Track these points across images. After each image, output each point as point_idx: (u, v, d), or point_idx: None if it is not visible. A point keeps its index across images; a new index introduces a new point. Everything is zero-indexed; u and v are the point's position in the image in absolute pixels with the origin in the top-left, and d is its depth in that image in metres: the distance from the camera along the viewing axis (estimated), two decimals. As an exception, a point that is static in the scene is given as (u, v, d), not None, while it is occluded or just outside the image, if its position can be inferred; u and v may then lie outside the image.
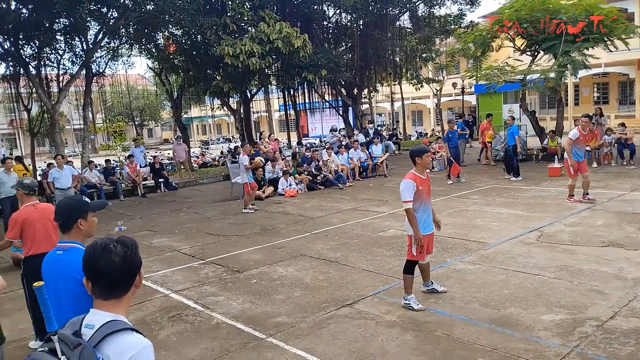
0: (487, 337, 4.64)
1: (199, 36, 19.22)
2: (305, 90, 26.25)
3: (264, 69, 19.02)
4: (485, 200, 11.06)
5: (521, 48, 18.09)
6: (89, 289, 1.85)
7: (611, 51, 17.01)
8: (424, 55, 27.71)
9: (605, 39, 16.19)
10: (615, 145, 14.91)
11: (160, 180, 17.04)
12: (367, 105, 33.26)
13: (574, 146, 9.60)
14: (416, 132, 38.12)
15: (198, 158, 26.86)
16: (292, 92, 26.25)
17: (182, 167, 19.92)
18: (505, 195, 11.49)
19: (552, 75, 15.66)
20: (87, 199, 2.98)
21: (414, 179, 5.36)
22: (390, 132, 27.53)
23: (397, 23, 26.29)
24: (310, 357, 4.54)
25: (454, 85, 31.85)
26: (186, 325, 5.52)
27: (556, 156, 14.85)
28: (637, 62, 26.29)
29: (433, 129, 34.15)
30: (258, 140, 18.80)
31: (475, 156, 18.76)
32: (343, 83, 25.27)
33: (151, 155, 20.22)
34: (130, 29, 18.34)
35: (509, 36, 18.05)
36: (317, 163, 15.54)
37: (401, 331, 4.94)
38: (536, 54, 17.60)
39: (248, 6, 18.71)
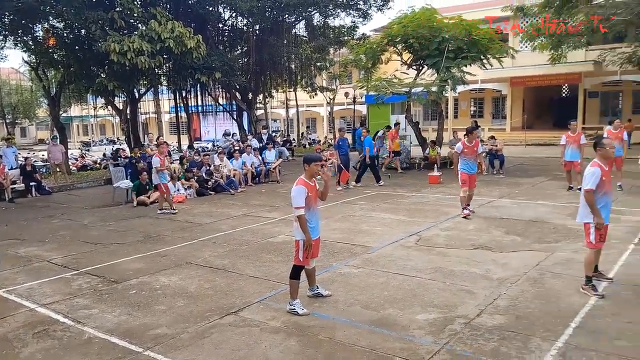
0: (367, 338, 4.79)
1: (82, 30, 17.93)
2: (198, 93, 25.55)
3: (154, 69, 18.19)
4: (371, 206, 11.50)
5: (408, 62, 19.18)
6: None
7: (487, 69, 18.60)
8: (318, 64, 28.31)
9: (482, 57, 17.70)
10: (487, 156, 16.29)
11: (31, 184, 15.57)
12: (262, 111, 33.22)
13: (462, 158, 9.84)
14: (310, 138, 38.76)
15: (77, 160, 24.95)
16: (184, 94, 25.45)
17: (58, 169, 18.36)
18: (389, 201, 12.05)
19: (434, 89, 16.75)
20: None
21: (304, 184, 5.42)
22: (285, 139, 27.75)
23: (293, 31, 26.60)
24: (189, 368, 4.37)
25: (346, 94, 32.90)
26: (53, 342, 5.06)
27: (435, 165, 15.87)
28: (509, 80, 29.05)
29: (326, 137, 34.95)
30: (146, 143, 17.93)
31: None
32: (238, 87, 25.01)
33: (23, 157, 18.39)
34: (6, 19, 16.61)
35: (397, 50, 19.05)
36: (208, 168, 15.15)
37: (285, 337, 4.93)
38: (421, 68, 18.75)
39: (138, 2, 17.83)
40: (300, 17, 25.71)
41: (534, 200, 11.38)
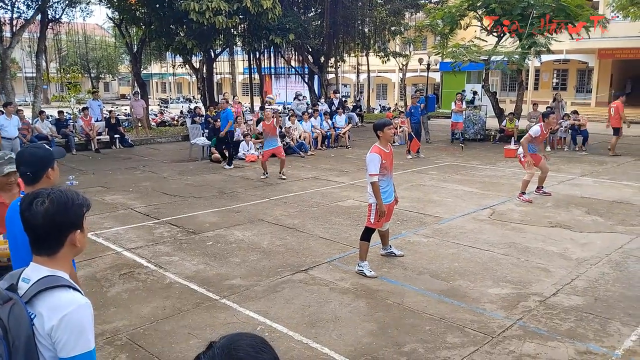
0: (436, 307, 4.79)
1: (164, -12, 18.39)
2: (272, 55, 25.75)
3: (230, 29, 18.47)
4: (442, 177, 11.28)
5: (488, 28, 18.26)
6: None
7: (573, 39, 17.40)
8: (392, 28, 27.55)
9: (569, 24, 16.52)
10: (569, 131, 15.42)
11: (115, 136, 16.49)
12: (333, 75, 33.01)
13: (531, 143, 9.03)
14: (380, 105, 38.23)
15: (156, 116, 26.04)
16: (257, 55, 25.69)
17: (140, 124, 19.31)
18: (462, 172, 11.75)
19: (516, 56, 15.91)
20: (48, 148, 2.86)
21: (378, 152, 5.43)
22: (354, 104, 27.53)
23: (369, -8, 25.96)
24: (263, 319, 4.57)
25: (420, 61, 31.94)
26: (138, 284, 5.44)
27: (512, 138, 15.23)
28: (597, 52, 27.06)
29: (397, 104, 34.33)
30: (222, 101, 18.38)
31: (440, 134, 19.09)
32: (310, 50, 24.90)
33: (107, 110, 19.45)
34: (90, -25, 17.34)
35: (477, 15, 18.18)
36: (280, 130, 15.37)
37: (354, 298, 5.03)
38: (502, 35, 17.81)
39: (217, -39, 17.95)
40: (377, -22, 24.98)
41: (619, 180, 10.70)
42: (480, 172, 11.91)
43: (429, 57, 28.74)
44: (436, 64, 29.88)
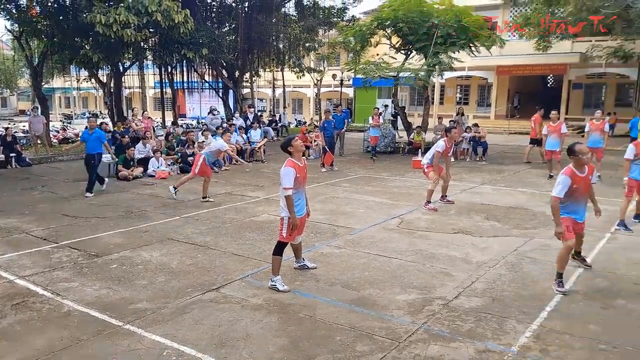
0: (347, 316, 4.86)
1: (67, 0, 17.49)
2: (184, 69, 25.23)
3: (140, 42, 17.87)
4: (354, 189, 11.55)
5: (396, 46, 19.12)
6: None
7: (475, 56, 18.63)
8: (307, 44, 28.05)
9: (471, 44, 17.74)
10: (471, 142, 16.44)
11: (11, 155, 15.29)
12: (248, 90, 32.91)
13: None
14: (295, 119, 38.61)
15: (58, 132, 24.47)
16: (169, 69, 25.06)
17: (39, 141, 18.03)
18: (373, 184, 12.11)
19: (422, 73, 16.76)
20: None
21: (293, 166, 5.49)
22: (270, 119, 27.58)
23: (283, 9, 26.29)
24: (170, 343, 4.39)
25: (334, 76, 32.75)
26: (32, 314, 5.03)
27: (420, 150, 15.96)
28: (496, 68, 29.17)
29: (312, 118, 34.84)
30: (129, 118, 17.69)
31: (353, 147, 19.57)
32: (225, 64, 24.71)
33: (2, 127, 17.99)
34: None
35: (386, 34, 18.98)
36: (192, 145, 15.02)
37: (266, 314, 4.98)
38: (409, 52, 18.72)
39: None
40: (291, -4, 25.39)
41: (515, 187, 11.54)
42: (390, 183, 12.34)
43: (342, 72, 29.56)
44: (349, 80, 30.76)
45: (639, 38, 21.46)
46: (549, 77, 32.67)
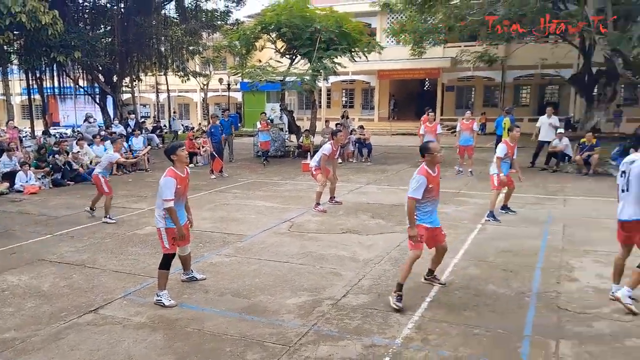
0: (237, 326, 4.77)
1: None
2: (55, 74, 23.32)
3: (3, 46, 16.20)
4: (245, 194, 11.44)
5: (281, 51, 19.28)
6: None
7: (355, 61, 19.35)
8: (190, 47, 27.29)
9: (351, 50, 18.40)
10: (356, 144, 17.05)
11: None
12: (129, 95, 31.25)
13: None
14: (183, 125, 37.42)
15: None
16: (38, 74, 23.00)
17: None
18: (263, 189, 12.08)
19: (307, 78, 17.06)
20: None
21: (174, 176, 5.28)
22: (155, 125, 26.45)
23: (163, 11, 25.33)
24: (40, 374, 4.00)
25: (221, 80, 32.23)
26: None
27: (309, 153, 16.23)
28: (377, 73, 30.59)
29: (200, 123, 33.98)
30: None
31: (243, 152, 19.37)
32: (101, 68, 23.25)
33: None
34: None
35: (271, 38, 19.07)
36: (66, 155, 13.89)
37: (150, 332, 4.73)
38: (294, 57, 18.97)
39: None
40: (171, -3, 24.56)
41: (397, 186, 12.14)
42: (281, 187, 12.40)
43: (229, 77, 29.14)
44: (236, 84, 30.43)
45: (501, 43, 23.74)
46: (425, 81, 34.94)
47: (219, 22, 26.31)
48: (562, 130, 14.36)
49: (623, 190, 5.06)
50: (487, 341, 4.41)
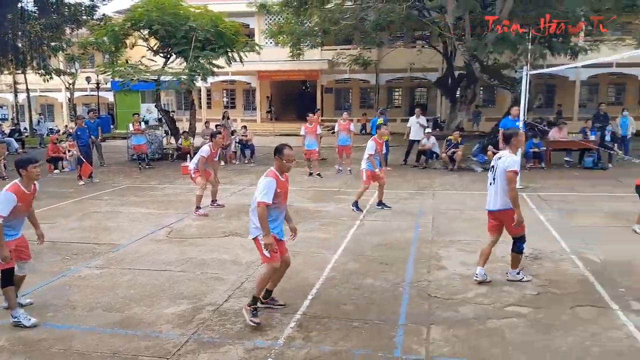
0: (109, 342, 4.45)
1: None
2: None
3: None
4: (119, 201, 10.75)
5: (155, 49, 18.42)
6: None
7: (230, 64, 19.11)
8: (52, 43, 25.01)
9: (228, 51, 18.13)
10: (238, 145, 16.86)
11: None
12: (-20, 95, 27.87)
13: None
14: (48, 128, 34.23)
15: None
16: None
17: None
18: (139, 194, 11.45)
19: (184, 77, 16.48)
20: None
21: (15, 190, 4.80)
22: (13, 128, 23.90)
23: (19, 4, 22.90)
24: None
25: (88, 79, 30.03)
26: None
27: (189, 155, 15.71)
28: (257, 74, 30.48)
29: (66, 125, 31.32)
30: None
31: (117, 155, 18.21)
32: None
33: None
34: None
35: (143, 36, 18.13)
36: None
37: (10, 355, 4.25)
38: (169, 56, 18.24)
39: None
40: (27, -11, 22.30)
41: (280, 186, 12.22)
42: (159, 191, 11.85)
43: (98, 75, 27.26)
44: (107, 83, 28.51)
45: (373, 47, 24.93)
46: (306, 82, 35.58)
47: (84, 17, 24.39)
48: (429, 130, 15.47)
49: (491, 183, 5.59)
50: (366, 333, 4.58)
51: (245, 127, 18.00)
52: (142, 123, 17.20)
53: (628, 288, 5.43)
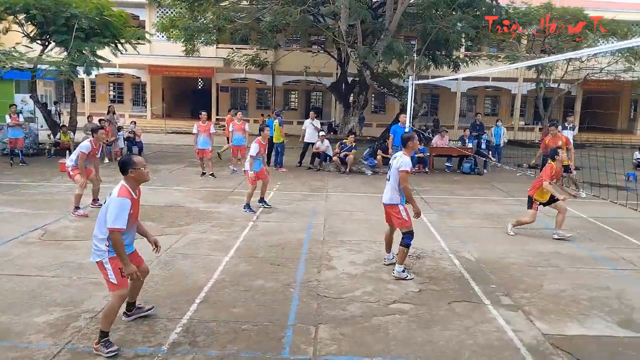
0: (-35, 359, 3.97)
1: None
2: None
3: None
4: (-16, 200, 9.67)
5: (32, 35, 16.87)
6: None
7: (117, 56, 18.06)
8: None
9: (116, 41, 17.12)
10: (126, 142, 15.97)
11: None
12: None
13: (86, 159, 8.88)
14: None
15: None
16: None
17: None
18: (10, 192, 10.40)
19: (64, 67, 15.24)
20: None
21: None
22: None
23: None
24: None
25: (-50, 64, 26.65)
26: None
27: (68, 151, 14.57)
28: (148, 68, 29.09)
29: None
30: None
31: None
32: None
33: None
34: None
35: (18, 21, 16.53)
36: None
37: None
38: (47, 43, 16.80)
39: None
40: None
41: (171, 186, 11.78)
42: (32, 190, 10.84)
43: (-38, 60, 24.29)
44: (-27, 69, 25.53)
45: (270, 49, 24.91)
46: (199, 80, 34.64)
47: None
48: (323, 133, 15.80)
49: (388, 180, 6.22)
50: (255, 335, 4.54)
51: (134, 122, 17.10)
52: (21, 116, 15.59)
53: (498, 284, 5.95)
